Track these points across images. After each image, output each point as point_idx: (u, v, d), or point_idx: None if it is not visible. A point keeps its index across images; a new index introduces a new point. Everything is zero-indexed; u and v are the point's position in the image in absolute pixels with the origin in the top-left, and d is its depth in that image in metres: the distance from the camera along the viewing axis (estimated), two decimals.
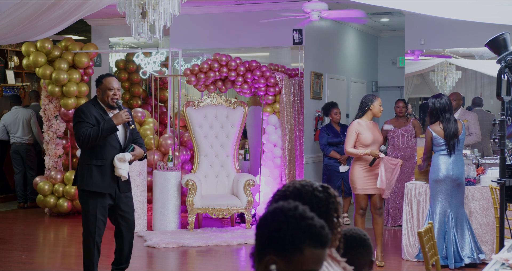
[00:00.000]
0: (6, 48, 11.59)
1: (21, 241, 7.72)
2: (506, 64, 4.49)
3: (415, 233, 6.66)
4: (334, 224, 2.28)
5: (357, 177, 6.49)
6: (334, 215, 2.28)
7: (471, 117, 8.11)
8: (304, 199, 2.22)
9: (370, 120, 6.54)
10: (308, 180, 2.31)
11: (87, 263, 5.38)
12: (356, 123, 6.48)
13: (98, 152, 5.23)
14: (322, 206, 2.24)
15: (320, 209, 2.21)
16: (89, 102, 5.40)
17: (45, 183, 9.27)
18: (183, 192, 8.44)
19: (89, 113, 5.22)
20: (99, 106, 5.31)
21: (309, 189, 2.27)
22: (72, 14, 7.08)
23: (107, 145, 5.23)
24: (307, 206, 1.88)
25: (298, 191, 2.26)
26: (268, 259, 1.81)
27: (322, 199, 2.26)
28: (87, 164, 5.25)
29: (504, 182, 4.53)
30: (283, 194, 2.26)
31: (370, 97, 6.57)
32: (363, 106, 6.53)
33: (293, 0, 8.99)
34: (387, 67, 12.39)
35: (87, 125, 5.17)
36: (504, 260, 3.47)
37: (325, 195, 2.27)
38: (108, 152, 5.23)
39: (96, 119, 5.21)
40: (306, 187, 2.27)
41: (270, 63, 9.13)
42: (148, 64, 9.97)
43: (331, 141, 8.87)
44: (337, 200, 2.30)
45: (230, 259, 7.16)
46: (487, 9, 6.33)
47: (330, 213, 2.26)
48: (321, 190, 2.28)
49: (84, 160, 5.30)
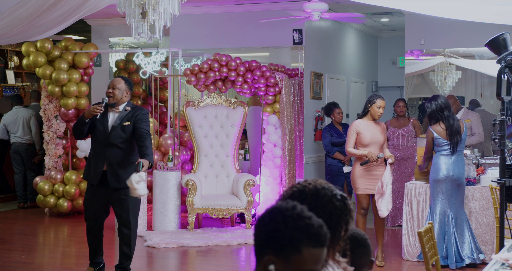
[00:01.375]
0: (6, 48, 11.59)
1: (21, 241, 7.72)
2: (506, 64, 4.49)
3: (415, 233, 6.66)
4: (341, 236, 2.25)
5: (358, 177, 6.49)
6: (343, 227, 2.25)
7: (474, 117, 8.10)
8: (321, 201, 2.21)
9: (371, 121, 6.52)
10: (331, 185, 2.28)
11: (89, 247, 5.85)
12: (355, 123, 6.52)
13: (92, 145, 5.77)
14: (335, 214, 2.21)
15: (331, 216, 2.18)
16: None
17: (45, 183, 9.27)
18: (183, 192, 8.44)
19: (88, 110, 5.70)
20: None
21: (328, 193, 2.24)
22: (72, 14, 7.08)
23: (94, 139, 5.70)
24: (318, 210, 1.86)
25: (317, 191, 2.23)
26: (266, 259, 1.80)
27: (337, 207, 2.23)
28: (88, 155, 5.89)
29: (504, 182, 4.52)
30: (303, 189, 2.24)
31: (372, 98, 6.55)
32: (364, 106, 6.56)
33: (293, 0, 8.99)
34: (387, 67, 12.38)
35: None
36: (504, 260, 3.47)
37: (341, 205, 2.24)
38: (95, 145, 5.72)
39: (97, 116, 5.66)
40: (325, 190, 2.24)
41: (270, 63, 9.13)
42: (148, 64, 9.97)
43: (334, 141, 8.89)
44: (351, 214, 2.27)
45: (230, 259, 7.16)
46: (487, 9, 6.33)
47: (340, 224, 2.23)
48: (339, 199, 2.25)
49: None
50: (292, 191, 2.26)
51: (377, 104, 6.45)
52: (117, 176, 5.55)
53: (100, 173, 5.59)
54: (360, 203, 6.54)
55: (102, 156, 5.60)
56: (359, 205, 6.56)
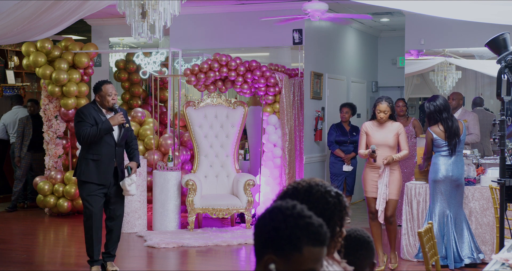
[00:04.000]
0: (6, 48, 11.59)
1: (21, 241, 7.72)
2: (506, 64, 4.49)
3: (415, 233, 6.66)
4: (336, 232, 2.25)
5: (365, 179, 6.45)
6: (338, 223, 2.25)
7: (471, 117, 8.10)
8: (313, 197, 2.20)
9: (381, 122, 6.43)
10: (326, 183, 2.28)
11: (87, 246, 6.04)
12: (363, 125, 6.49)
13: (94, 148, 5.93)
14: (328, 210, 2.21)
15: (325, 212, 2.18)
16: (89, 104, 6.11)
17: (45, 183, 9.27)
18: (183, 192, 8.44)
19: (88, 114, 5.93)
20: (97, 109, 6.00)
21: (322, 189, 2.24)
22: (72, 14, 7.08)
23: (102, 142, 5.93)
24: (310, 205, 1.87)
25: (310, 188, 2.23)
26: (267, 259, 1.80)
27: (330, 203, 2.22)
28: (84, 158, 5.96)
29: (504, 182, 4.52)
30: (296, 186, 2.25)
31: (376, 101, 6.41)
32: (372, 108, 6.53)
33: (293, 0, 8.99)
34: (387, 67, 12.38)
35: (87, 125, 5.88)
36: (504, 260, 3.47)
37: (335, 201, 2.24)
38: (103, 148, 5.94)
39: (94, 120, 5.91)
40: (319, 187, 2.24)
41: (270, 63, 9.13)
42: (148, 64, 9.97)
43: (337, 139, 9.12)
44: (346, 210, 2.26)
45: (230, 259, 7.16)
46: (487, 9, 6.33)
47: (334, 220, 2.23)
48: (333, 195, 2.24)
49: (82, 154, 6.02)
50: (287, 188, 2.26)
51: (377, 108, 6.34)
52: (122, 171, 6.08)
53: (112, 172, 6.00)
54: (369, 206, 6.46)
55: (112, 156, 5.99)
56: (368, 208, 6.51)
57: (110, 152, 5.96)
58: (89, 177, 5.92)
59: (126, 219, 8.11)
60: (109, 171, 5.97)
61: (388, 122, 6.42)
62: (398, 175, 6.38)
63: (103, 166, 5.94)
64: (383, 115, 6.33)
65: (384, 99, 6.38)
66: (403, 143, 6.39)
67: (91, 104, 6.06)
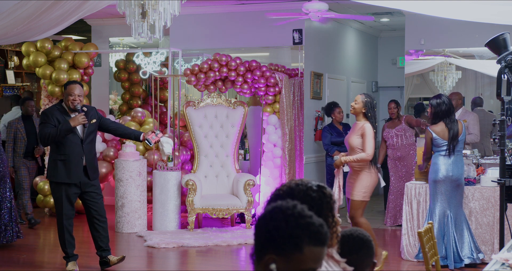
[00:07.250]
0: (6, 48, 11.59)
1: (21, 241, 7.71)
2: (506, 64, 4.50)
3: (415, 233, 6.66)
4: (330, 223, 2.27)
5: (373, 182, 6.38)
6: (329, 214, 2.27)
7: (471, 117, 8.11)
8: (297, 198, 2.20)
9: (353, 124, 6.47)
10: (306, 180, 2.29)
11: (61, 243, 6.18)
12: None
13: (61, 148, 6.03)
14: (315, 205, 2.22)
15: (313, 208, 2.19)
16: (54, 105, 6.22)
17: (45, 183, 9.27)
18: (183, 192, 8.44)
19: (51, 115, 6.02)
20: (62, 109, 6.09)
21: (303, 188, 2.25)
22: (72, 14, 7.09)
23: (68, 142, 6.01)
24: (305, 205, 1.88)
25: (291, 190, 2.25)
26: (268, 259, 1.81)
27: (315, 198, 2.24)
28: (53, 159, 6.08)
29: (504, 182, 4.53)
30: (278, 193, 2.26)
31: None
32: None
33: (293, 0, 8.99)
34: (387, 67, 12.38)
35: (48, 126, 5.98)
36: (504, 260, 3.47)
37: (319, 194, 2.25)
38: (69, 147, 6.03)
39: (57, 120, 6.00)
40: (300, 186, 2.26)
41: (270, 63, 9.13)
42: (148, 64, 9.97)
43: (334, 141, 9.01)
44: (332, 199, 2.28)
45: (230, 259, 7.16)
46: (487, 9, 6.33)
47: (324, 213, 2.25)
48: (316, 190, 2.26)
49: (51, 155, 6.14)
50: (270, 197, 2.26)
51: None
52: (94, 169, 6.15)
53: (82, 170, 6.06)
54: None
55: (80, 154, 6.06)
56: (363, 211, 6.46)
57: (77, 150, 6.04)
58: (59, 177, 6.01)
59: (126, 219, 8.12)
60: (78, 169, 6.04)
61: (357, 123, 6.27)
62: (362, 175, 6.16)
63: (71, 165, 6.02)
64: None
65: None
66: (365, 144, 6.10)
67: (56, 105, 6.16)
